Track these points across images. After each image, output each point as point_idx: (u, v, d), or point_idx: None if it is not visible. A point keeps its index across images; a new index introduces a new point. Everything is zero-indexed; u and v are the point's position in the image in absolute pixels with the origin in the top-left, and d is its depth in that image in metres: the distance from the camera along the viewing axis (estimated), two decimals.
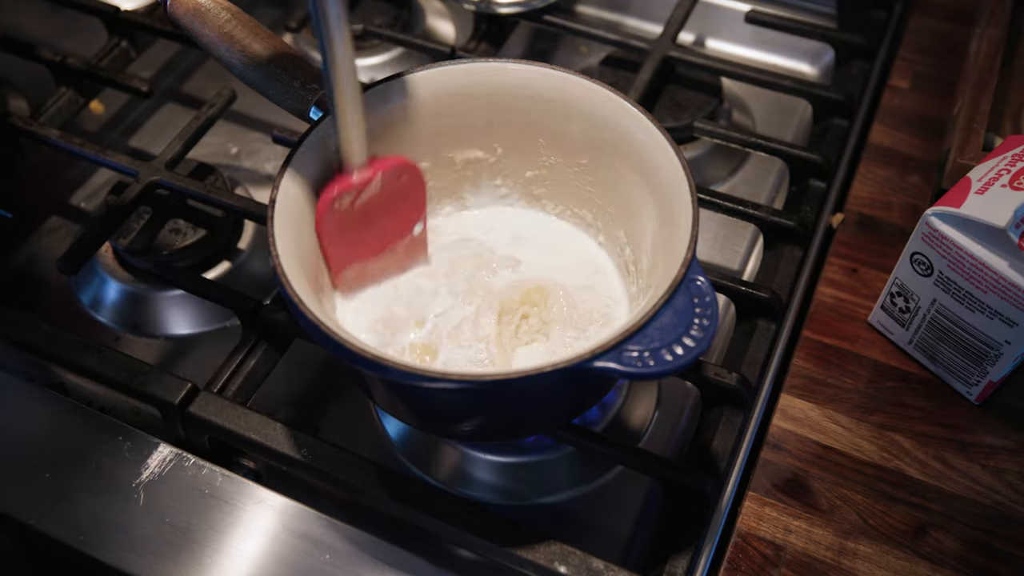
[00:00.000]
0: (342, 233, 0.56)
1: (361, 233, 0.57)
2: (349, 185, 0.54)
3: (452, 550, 0.57)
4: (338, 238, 0.56)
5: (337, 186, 0.54)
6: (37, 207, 0.80)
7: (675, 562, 0.55)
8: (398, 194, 0.57)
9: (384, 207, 0.57)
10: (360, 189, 0.55)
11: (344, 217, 0.55)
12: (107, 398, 0.66)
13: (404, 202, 0.58)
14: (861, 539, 0.57)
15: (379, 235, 0.58)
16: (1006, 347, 0.58)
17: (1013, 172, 0.57)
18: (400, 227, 0.59)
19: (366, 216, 0.57)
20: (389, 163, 0.56)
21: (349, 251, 0.57)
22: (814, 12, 0.95)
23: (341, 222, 0.55)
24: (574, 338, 0.58)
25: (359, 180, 0.55)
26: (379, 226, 0.58)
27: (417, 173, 0.58)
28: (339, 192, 0.54)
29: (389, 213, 0.58)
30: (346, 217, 0.56)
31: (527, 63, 0.59)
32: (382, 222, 0.58)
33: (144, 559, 0.56)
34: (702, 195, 0.70)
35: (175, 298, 0.72)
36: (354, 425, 0.66)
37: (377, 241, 0.58)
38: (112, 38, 0.86)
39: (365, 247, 0.58)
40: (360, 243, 0.58)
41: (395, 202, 0.58)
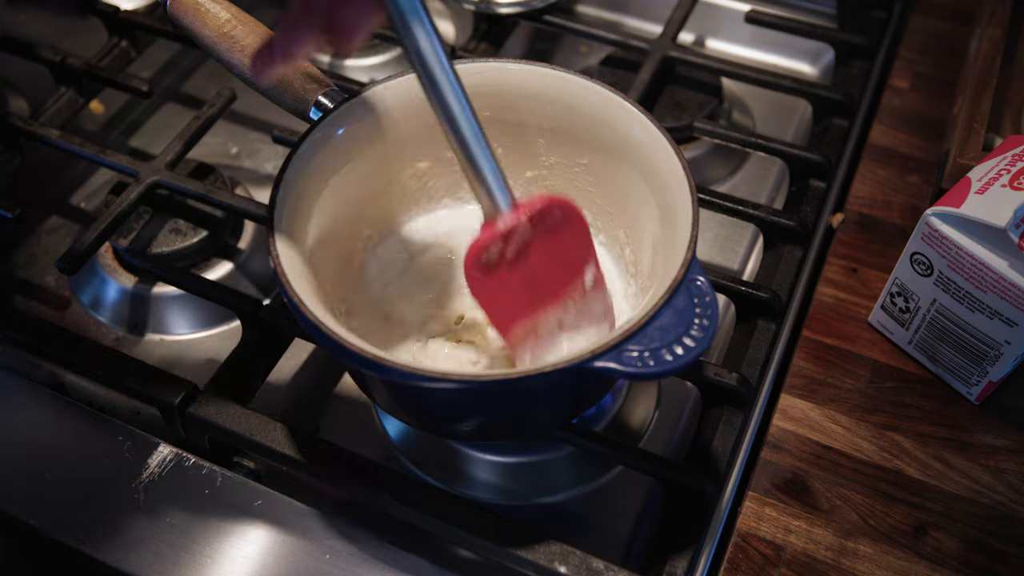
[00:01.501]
0: (501, 288, 0.51)
1: (526, 284, 0.52)
2: (493, 234, 0.50)
3: (452, 550, 0.57)
4: (497, 294, 0.52)
5: (482, 238, 0.50)
6: (37, 207, 0.80)
7: (675, 562, 0.55)
8: (556, 234, 0.52)
9: (546, 253, 0.52)
10: (508, 236, 0.50)
11: (498, 270, 0.51)
12: (107, 398, 0.66)
13: (565, 242, 0.53)
14: (861, 539, 0.57)
15: (548, 282, 0.53)
16: (1006, 347, 0.58)
17: (1013, 172, 0.57)
18: (569, 269, 0.54)
19: (525, 265, 0.51)
20: (536, 204, 0.50)
21: (514, 305, 0.52)
22: (814, 12, 0.95)
23: (496, 276, 0.51)
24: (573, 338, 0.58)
25: (503, 227, 0.50)
26: (543, 272, 0.52)
27: (571, 207, 0.52)
28: (483, 243, 0.50)
29: (551, 256, 0.52)
30: (500, 270, 0.51)
31: (527, 63, 0.59)
32: (545, 267, 0.52)
33: (144, 559, 0.56)
34: (702, 195, 0.70)
35: (175, 298, 0.72)
36: (354, 425, 0.66)
37: (549, 289, 0.53)
38: (112, 38, 0.86)
39: (537, 298, 0.53)
40: (525, 294, 0.52)
41: (555, 244, 0.52)
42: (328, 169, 0.56)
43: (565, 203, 0.52)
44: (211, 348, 0.71)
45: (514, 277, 0.51)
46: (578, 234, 0.53)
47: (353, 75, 0.90)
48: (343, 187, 0.58)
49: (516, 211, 0.50)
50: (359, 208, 0.60)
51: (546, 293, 0.53)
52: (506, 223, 0.50)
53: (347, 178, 0.58)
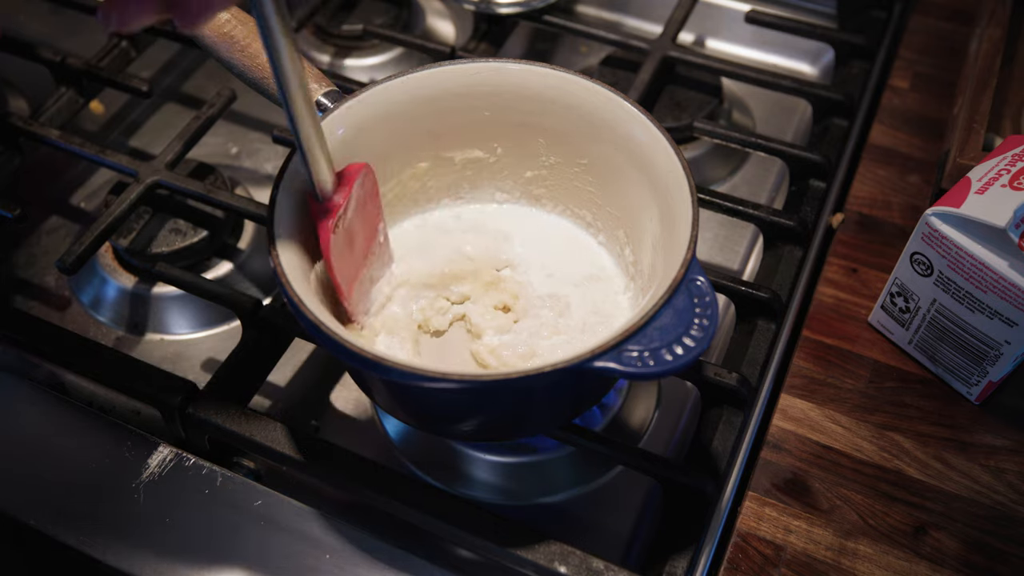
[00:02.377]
0: (342, 256, 0.54)
1: (352, 248, 0.56)
2: (337, 208, 0.53)
3: (452, 550, 0.57)
4: (341, 262, 0.55)
5: (332, 216, 0.52)
6: (37, 207, 0.80)
7: (675, 562, 0.55)
8: (365, 198, 0.56)
9: (361, 216, 0.56)
10: (344, 208, 0.53)
11: (340, 240, 0.54)
12: (107, 398, 0.66)
13: (370, 204, 0.57)
14: (861, 539, 0.57)
15: (362, 244, 0.57)
16: (1006, 347, 0.58)
17: (1013, 172, 0.57)
18: (371, 230, 0.58)
19: (351, 230, 0.55)
20: (354, 172, 0.54)
21: (349, 270, 0.56)
22: (814, 12, 0.95)
23: (340, 246, 0.54)
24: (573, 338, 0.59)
25: (342, 199, 0.53)
26: (360, 235, 0.56)
27: (370, 171, 0.56)
28: (336, 220, 0.53)
29: (363, 219, 0.56)
30: (341, 239, 0.54)
31: (527, 63, 0.59)
32: (361, 230, 0.56)
33: (144, 559, 0.56)
34: (702, 195, 0.70)
35: (175, 298, 0.72)
36: (354, 425, 0.66)
37: (362, 251, 0.57)
38: (112, 38, 0.86)
39: (356, 261, 0.57)
40: (353, 258, 0.56)
41: (365, 206, 0.56)
42: None
43: (366, 166, 0.55)
44: (211, 348, 0.71)
45: (347, 242, 0.55)
46: (375, 193, 0.57)
47: (353, 75, 0.90)
48: None
49: (344, 183, 0.53)
50: None
51: (362, 251, 0.57)
52: (342, 194, 0.53)
53: None
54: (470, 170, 0.64)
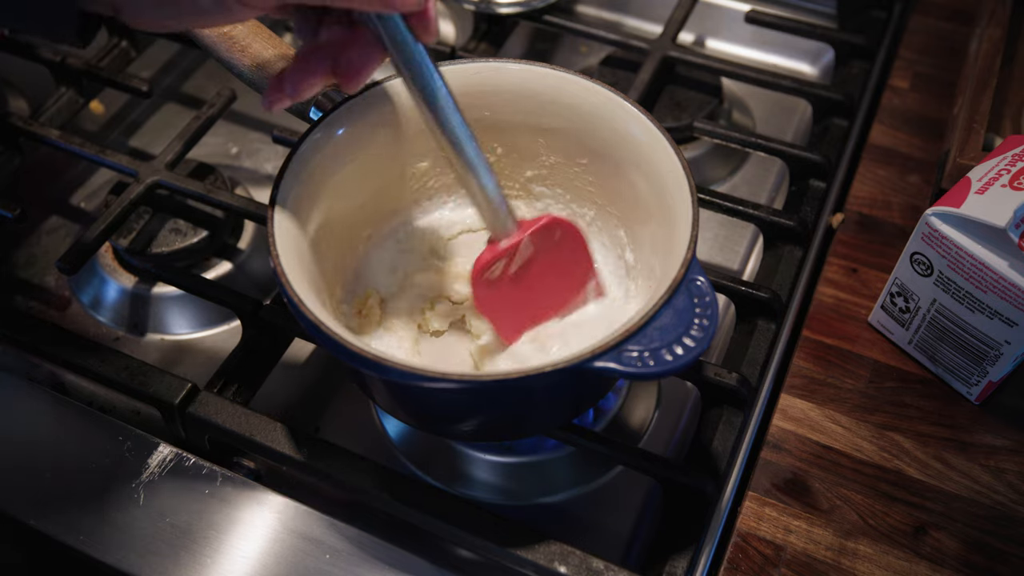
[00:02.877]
0: (504, 301, 0.55)
1: (528, 296, 0.56)
2: (496, 252, 0.54)
3: (452, 550, 0.57)
4: (501, 306, 0.56)
5: (486, 256, 0.54)
6: (37, 207, 0.80)
7: (675, 562, 0.55)
8: (556, 250, 0.56)
9: (547, 267, 0.56)
10: (511, 254, 0.54)
11: (502, 284, 0.55)
12: (107, 398, 0.66)
13: (565, 257, 0.57)
14: (861, 539, 0.57)
15: (550, 294, 0.57)
16: (1006, 347, 0.58)
17: (1013, 172, 0.57)
18: (573, 281, 0.58)
19: (527, 279, 0.56)
20: (537, 223, 0.54)
21: (517, 316, 0.56)
22: (814, 12, 0.95)
23: (499, 290, 0.55)
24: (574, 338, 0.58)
25: (506, 245, 0.54)
26: (545, 286, 0.57)
27: (571, 227, 0.56)
28: (487, 261, 0.54)
29: (552, 271, 0.56)
30: (504, 284, 0.55)
31: (527, 63, 0.59)
32: (547, 281, 0.57)
33: (144, 559, 0.56)
34: (702, 195, 0.70)
35: (175, 298, 0.72)
36: (354, 425, 0.66)
37: (551, 300, 0.57)
38: (112, 38, 0.86)
39: (538, 309, 0.57)
40: (527, 305, 0.57)
41: (556, 259, 0.56)
42: (328, 169, 0.56)
43: (564, 222, 0.56)
44: (211, 348, 0.71)
45: (516, 291, 0.55)
46: (577, 251, 0.57)
47: None
48: (343, 187, 0.58)
49: (519, 230, 0.54)
50: (359, 207, 0.60)
51: (547, 306, 0.57)
52: (509, 241, 0.54)
53: (347, 178, 0.58)
54: None
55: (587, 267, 0.58)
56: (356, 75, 0.48)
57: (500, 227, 0.54)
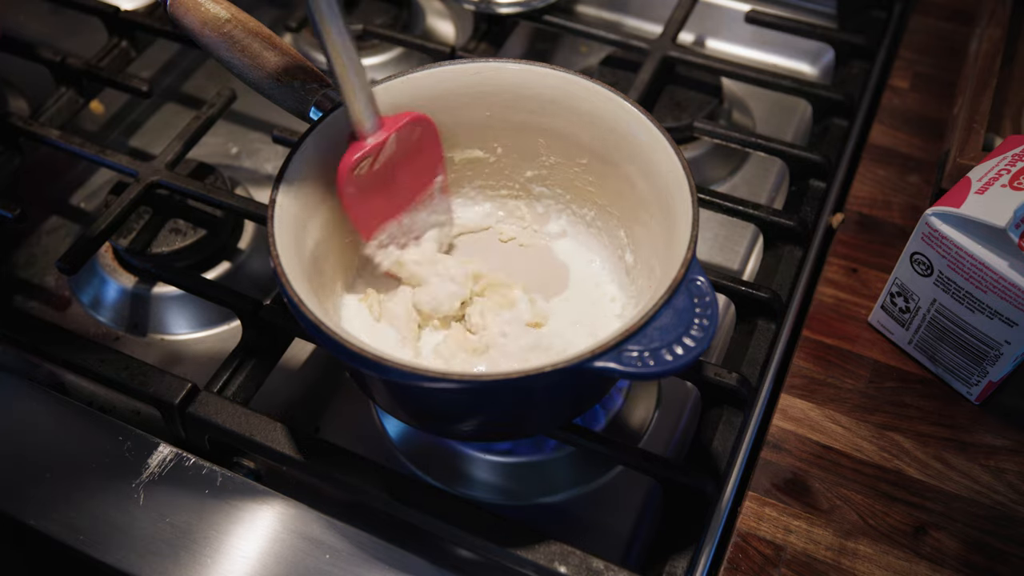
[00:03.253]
0: (366, 197, 0.57)
1: (385, 193, 0.58)
2: (365, 149, 0.55)
3: (452, 550, 0.57)
4: (363, 202, 0.57)
5: (354, 152, 0.54)
6: (37, 207, 0.80)
7: (675, 562, 0.55)
8: (415, 149, 0.58)
9: (403, 164, 0.58)
10: (377, 152, 0.55)
11: (366, 181, 0.56)
12: (107, 398, 0.66)
13: (422, 156, 0.59)
14: (861, 539, 0.57)
15: (403, 191, 0.59)
16: (1006, 347, 0.58)
17: (1013, 172, 0.57)
18: (423, 180, 0.60)
19: (387, 176, 0.57)
20: (401, 121, 0.56)
21: (376, 212, 0.58)
22: (814, 12, 0.95)
23: (363, 187, 0.56)
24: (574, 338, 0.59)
25: (374, 143, 0.55)
26: (401, 183, 0.58)
27: (430, 125, 0.58)
28: (358, 158, 0.54)
29: (409, 169, 0.58)
30: (368, 181, 0.56)
31: (527, 63, 0.59)
32: (404, 179, 0.58)
33: (144, 559, 0.56)
34: (702, 195, 0.70)
35: (175, 298, 0.72)
36: (354, 425, 0.66)
37: (403, 198, 0.59)
38: (112, 38, 0.86)
39: (391, 206, 0.59)
40: (386, 203, 0.58)
41: (413, 157, 0.58)
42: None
43: (424, 119, 0.57)
44: (211, 348, 0.71)
45: (378, 186, 0.57)
46: (432, 146, 0.59)
47: None
48: None
49: (384, 128, 0.55)
50: None
51: (404, 199, 0.59)
52: (376, 138, 0.55)
53: None
54: (470, 170, 0.64)
55: (438, 161, 0.60)
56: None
57: (369, 123, 0.54)
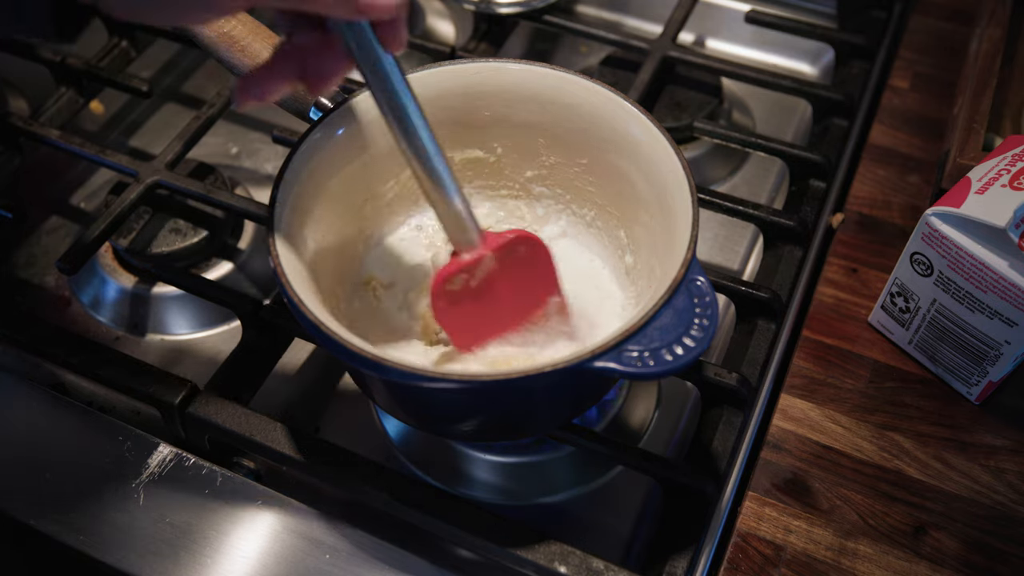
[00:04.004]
0: (464, 313, 0.54)
1: (489, 310, 0.55)
2: (458, 264, 0.52)
3: (452, 550, 0.57)
4: (460, 318, 0.54)
5: (448, 268, 0.52)
6: (37, 207, 0.80)
7: (675, 562, 0.55)
8: (520, 266, 0.55)
9: (509, 282, 0.55)
10: (473, 268, 0.53)
11: (463, 297, 0.53)
12: (107, 398, 0.66)
13: (529, 273, 0.55)
14: (861, 539, 0.57)
15: (511, 309, 0.56)
16: (1006, 347, 0.58)
17: (1013, 172, 0.57)
18: (533, 298, 0.56)
19: (488, 294, 0.54)
20: (503, 239, 0.53)
21: (476, 329, 0.55)
22: (814, 12, 0.95)
23: (460, 302, 0.53)
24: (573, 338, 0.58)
25: (469, 259, 0.52)
26: (506, 301, 0.55)
27: (538, 244, 0.55)
28: (450, 274, 0.52)
29: (515, 287, 0.55)
30: (465, 297, 0.53)
31: (527, 63, 0.59)
32: (508, 296, 0.55)
33: (144, 559, 0.56)
34: (702, 195, 0.70)
35: (175, 298, 0.72)
36: (354, 425, 0.66)
37: (511, 315, 0.56)
38: (112, 38, 0.86)
39: (498, 323, 0.56)
40: (490, 320, 0.55)
41: (519, 275, 0.55)
42: (328, 169, 0.56)
43: (531, 237, 0.54)
44: (211, 348, 0.71)
45: (476, 305, 0.54)
46: (542, 266, 0.56)
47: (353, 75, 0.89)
48: (343, 187, 0.58)
49: (483, 243, 0.53)
50: (359, 208, 0.60)
51: (507, 321, 0.56)
52: (472, 255, 0.52)
53: (347, 178, 0.58)
54: (470, 170, 0.64)
55: (551, 283, 0.57)
56: (322, 81, 0.48)
57: (464, 240, 0.52)
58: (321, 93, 0.49)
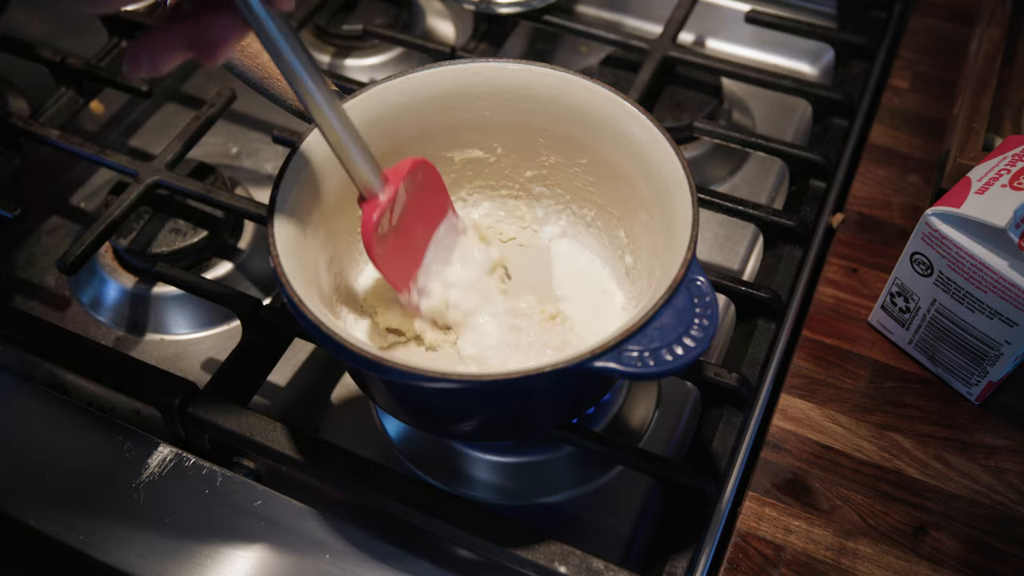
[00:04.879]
0: (394, 252, 0.55)
1: (409, 241, 0.56)
2: (381, 207, 0.53)
3: (452, 550, 0.57)
4: (393, 258, 0.55)
5: (372, 214, 0.53)
6: (37, 207, 0.80)
7: (675, 562, 0.55)
8: (423, 191, 0.56)
9: (417, 208, 0.56)
10: (391, 206, 0.54)
11: (389, 237, 0.54)
12: (107, 398, 0.66)
13: (431, 196, 0.58)
14: (861, 539, 0.57)
15: (422, 234, 0.58)
16: (1006, 347, 0.58)
17: (1013, 172, 0.57)
18: (436, 217, 0.58)
19: (406, 225, 0.55)
20: (404, 170, 0.54)
21: (406, 263, 0.57)
22: (814, 12, 0.95)
23: (388, 243, 0.54)
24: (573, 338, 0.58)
25: (386, 199, 0.53)
26: (420, 227, 0.57)
27: (430, 166, 0.57)
28: (376, 218, 0.53)
29: (423, 212, 0.57)
30: (391, 236, 0.54)
31: (527, 63, 0.59)
32: (420, 222, 0.57)
33: (144, 559, 0.56)
34: (702, 195, 0.70)
35: (175, 298, 0.72)
36: (354, 425, 0.66)
37: (423, 239, 0.58)
38: (112, 38, 0.86)
39: (417, 251, 0.57)
40: (411, 250, 0.57)
41: (423, 200, 0.57)
42: (328, 169, 0.56)
43: (422, 161, 0.56)
44: (211, 348, 0.71)
45: (400, 240, 0.55)
46: (437, 184, 0.58)
47: (353, 75, 0.90)
48: (343, 187, 0.58)
49: (391, 181, 0.53)
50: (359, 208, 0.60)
51: (422, 243, 0.58)
52: (387, 193, 0.53)
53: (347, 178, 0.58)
54: (470, 170, 0.64)
55: (445, 199, 0.59)
56: (213, 49, 0.46)
57: (371, 183, 0.53)
58: (213, 62, 0.47)
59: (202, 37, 0.46)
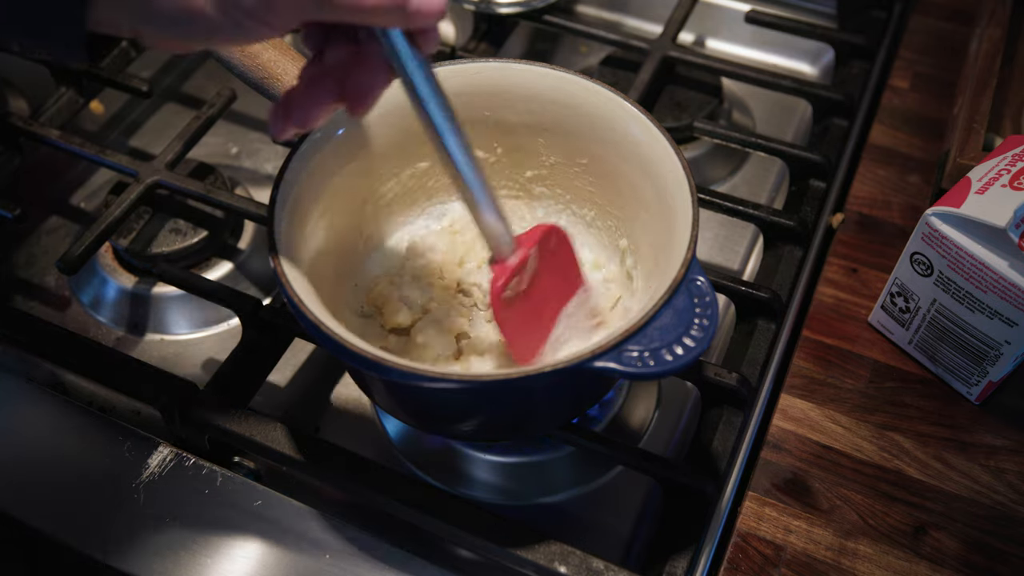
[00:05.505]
0: (520, 318, 0.54)
1: (536, 311, 0.55)
2: (509, 271, 0.52)
3: (452, 550, 0.57)
4: (519, 324, 0.54)
5: (500, 278, 0.52)
6: (37, 207, 0.80)
7: (675, 562, 0.55)
8: (553, 258, 0.55)
9: (547, 276, 0.55)
10: (520, 271, 0.52)
11: (516, 302, 0.53)
12: (107, 398, 0.66)
13: (562, 265, 0.56)
14: (861, 539, 0.57)
15: (552, 306, 0.56)
16: (1006, 347, 0.58)
17: (1013, 172, 0.57)
18: (566, 291, 0.57)
19: (536, 293, 0.54)
20: (536, 235, 0.53)
21: (533, 333, 0.55)
22: (814, 12, 0.95)
23: (515, 308, 0.53)
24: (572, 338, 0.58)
25: (515, 262, 0.52)
26: (550, 298, 0.56)
27: (561, 233, 0.55)
28: (503, 283, 0.52)
29: (553, 281, 0.55)
30: (518, 302, 0.53)
31: (528, 63, 0.59)
32: (551, 293, 0.56)
33: (144, 559, 0.56)
34: (702, 195, 0.70)
35: (175, 298, 0.72)
36: (354, 425, 0.66)
37: (551, 312, 0.56)
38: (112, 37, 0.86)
39: (544, 322, 0.56)
40: (538, 320, 0.55)
41: (554, 266, 0.55)
42: (328, 169, 0.56)
43: (554, 228, 0.54)
44: (211, 348, 0.71)
45: (528, 306, 0.54)
46: (568, 253, 0.56)
47: None
48: (343, 187, 0.58)
49: (521, 246, 0.52)
50: (359, 208, 0.60)
51: (552, 315, 0.56)
52: (517, 257, 0.52)
53: (347, 178, 0.58)
54: None
55: (576, 268, 0.57)
56: (364, 98, 0.46)
57: (502, 244, 0.52)
58: (363, 111, 0.46)
59: (352, 89, 0.46)
